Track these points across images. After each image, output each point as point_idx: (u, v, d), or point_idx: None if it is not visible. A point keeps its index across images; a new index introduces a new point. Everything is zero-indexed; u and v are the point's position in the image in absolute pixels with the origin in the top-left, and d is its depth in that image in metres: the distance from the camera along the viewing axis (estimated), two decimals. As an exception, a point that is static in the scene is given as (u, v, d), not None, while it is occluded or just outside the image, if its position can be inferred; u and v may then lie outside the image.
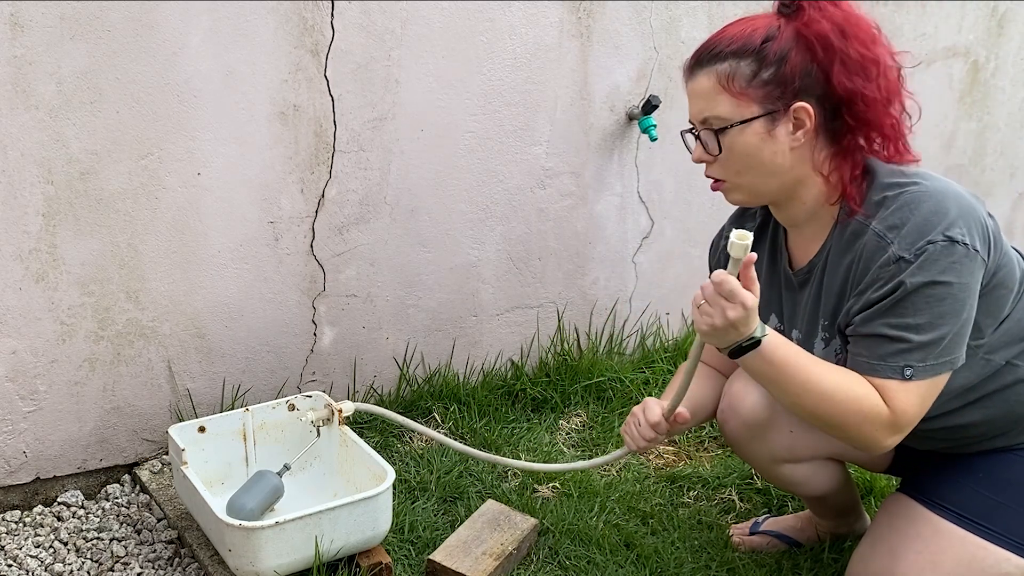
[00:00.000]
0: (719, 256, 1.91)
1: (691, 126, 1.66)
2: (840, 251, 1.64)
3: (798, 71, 1.54)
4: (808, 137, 1.58)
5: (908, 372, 1.54)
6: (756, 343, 1.55)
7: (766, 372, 1.59)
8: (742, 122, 1.57)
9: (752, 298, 1.51)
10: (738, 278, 1.50)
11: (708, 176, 1.67)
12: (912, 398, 1.55)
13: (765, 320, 1.81)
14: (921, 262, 1.51)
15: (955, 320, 1.53)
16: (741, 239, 1.47)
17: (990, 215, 1.59)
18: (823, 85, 1.55)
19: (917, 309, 1.52)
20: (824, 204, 1.64)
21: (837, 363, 1.67)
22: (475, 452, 2.12)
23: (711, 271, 1.94)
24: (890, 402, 1.54)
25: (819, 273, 1.68)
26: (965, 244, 1.51)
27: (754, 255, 1.50)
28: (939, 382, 1.57)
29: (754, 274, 1.52)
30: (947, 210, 1.52)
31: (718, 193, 1.68)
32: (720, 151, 1.60)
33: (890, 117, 1.59)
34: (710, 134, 1.60)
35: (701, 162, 1.65)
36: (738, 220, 1.88)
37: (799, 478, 1.96)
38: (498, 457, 2.16)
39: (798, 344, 1.74)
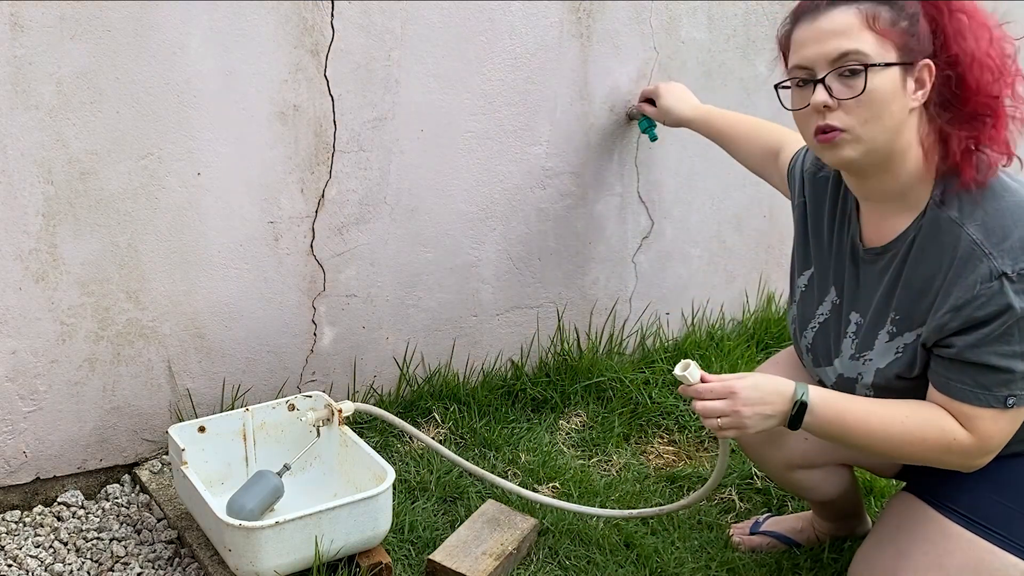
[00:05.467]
0: (800, 177, 1.84)
1: (798, 76, 1.55)
2: (926, 244, 1.57)
3: (927, 29, 1.50)
4: (925, 100, 1.52)
5: (1011, 401, 1.52)
6: (804, 406, 1.55)
7: (827, 430, 1.58)
8: (887, 64, 1.48)
9: (738, 380, 1.55)
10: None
11: (824, 125, 1.53)
12: (1003, 424, 1.54)
13: (824, 293, 1.77)
14: None
15: None
16: (684, 368, 1.57)
17: None
18: (941, 49, 1.51)
19: None
20: (915, 184, 1.57)
21: (896, 359, 1.64)
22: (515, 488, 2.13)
23: (795, 187, 1.87)
24: (977, 429, 1.53)
25: (898, 261, 1.62)
26: None
27: (693, 376, 1.56)
28: None
29: (711, 378, 1.58)
30: None
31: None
32: (863, 90, 1.48)
33: (998, 94, 1.52)
34: (849, 74, 1.49)
35: (821, 109, 1.52)
36: (815, 176, 1.80)
37: (810, 483, 1.96)
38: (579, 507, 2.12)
39: (858, 329, 1.70)
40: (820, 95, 1.51)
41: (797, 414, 1.56)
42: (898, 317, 1.63)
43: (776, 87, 1.62)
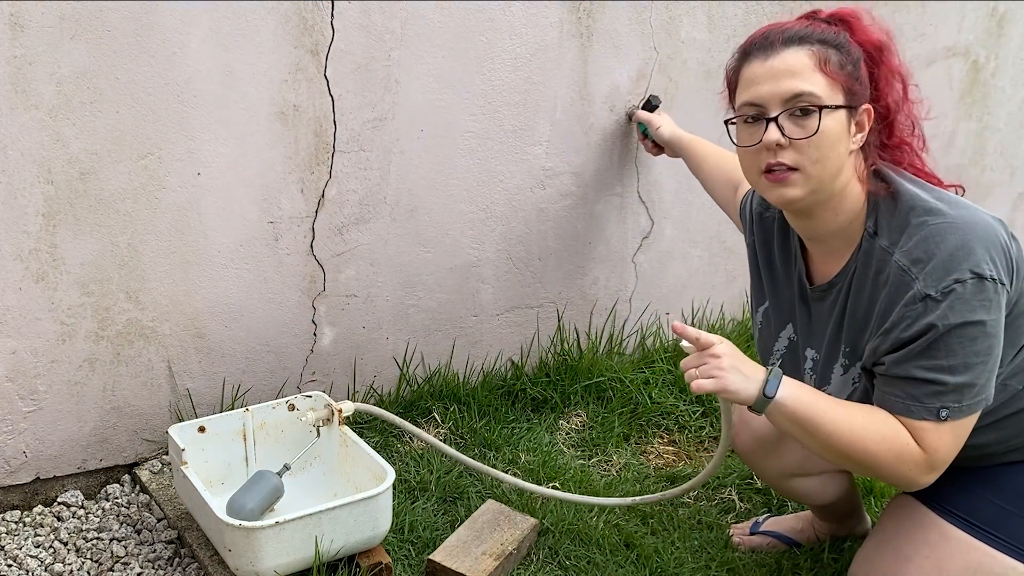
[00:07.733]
0: (750, 216, 1.87)
1: (747, 113, 1.56)
2: (864, 276, 1.60)
3: (866, 76, 1.55)
4: (862, 143, 1.57)
5: (944, 414, 1.51)
6: (779, 373, 1.54)
7: (796, 411, 1.55)
8: (836, 107, 1.51)
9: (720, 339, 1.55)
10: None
11: (776, 164, 1.54)
12: (946, 438, 1.53)
13: (780, 329, 1.80)
14: (951, 302, 1.47)
15: (988, 358, 1.50)
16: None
17: (1013, 237, 1.55)
18: (875, 96, 1.56)
19: (951, 351, 1.49)
20: (853, 218, 1.60)
21: (853, 391, 1.66)
22: (519, 481, 2.13)
23: (746, 224, 1.90)
24: (923, 442, 1.52)
25: (842, 296, 1.64)
26: (993, 279, 1.47)
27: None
28: (973, 420, 1.55)
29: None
30: (973, 243, 1.48)
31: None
32: (817, 131, 1.50)
33: (911, 140, 1.61)
34: (801, 113, 1.51)
35: (773, 147, 1.54)
36: (761, 216, 1.83)
37: (808, 490, 1.96)
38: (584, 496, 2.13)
39: (815, 364, 1.73)
40: (773, 133, 1.53)
41: (771, 383, 1.52)
42: (848, 350, 1.66)
43: (726, 123, 1.64)
